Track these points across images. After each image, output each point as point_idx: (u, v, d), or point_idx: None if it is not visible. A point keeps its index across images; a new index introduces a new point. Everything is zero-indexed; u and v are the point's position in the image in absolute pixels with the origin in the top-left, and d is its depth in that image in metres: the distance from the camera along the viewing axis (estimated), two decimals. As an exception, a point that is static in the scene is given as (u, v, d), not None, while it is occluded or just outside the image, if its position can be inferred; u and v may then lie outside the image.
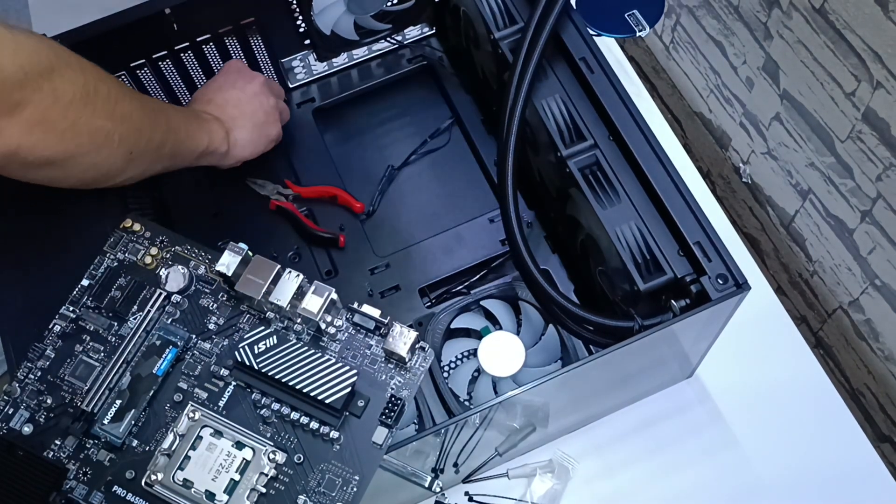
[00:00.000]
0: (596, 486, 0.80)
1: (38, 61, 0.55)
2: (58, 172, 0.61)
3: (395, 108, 0.94)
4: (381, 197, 0.89)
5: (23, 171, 0.59)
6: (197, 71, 0.86)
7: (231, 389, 0.59)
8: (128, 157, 0.64)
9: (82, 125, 0.59)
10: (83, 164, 0.61)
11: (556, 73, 0.73)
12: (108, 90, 0.61)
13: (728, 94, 1.00)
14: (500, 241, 0.84)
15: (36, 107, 0.55)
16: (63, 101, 0.57)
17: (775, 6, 0.84)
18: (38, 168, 0.59)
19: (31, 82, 0.54)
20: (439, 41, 0.96)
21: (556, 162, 0.72)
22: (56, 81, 0.56)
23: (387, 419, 0.57)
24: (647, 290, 0.64)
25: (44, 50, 0.56)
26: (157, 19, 0.78)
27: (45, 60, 0.56)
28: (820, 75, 0.81)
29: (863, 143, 0.79)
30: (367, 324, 0.60)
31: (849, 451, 0.81)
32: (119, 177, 0.65)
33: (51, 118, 0.56)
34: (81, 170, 0.62)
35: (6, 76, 0.53)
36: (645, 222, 0.67)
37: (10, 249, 0.67)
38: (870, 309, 0.89)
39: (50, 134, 0.57)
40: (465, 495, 0.79)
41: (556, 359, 0.79)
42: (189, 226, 0.83)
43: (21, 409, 0.59)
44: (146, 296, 0.62)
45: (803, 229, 0.95)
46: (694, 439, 0.81)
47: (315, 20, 0.87)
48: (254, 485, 0.56)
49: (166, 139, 0.68)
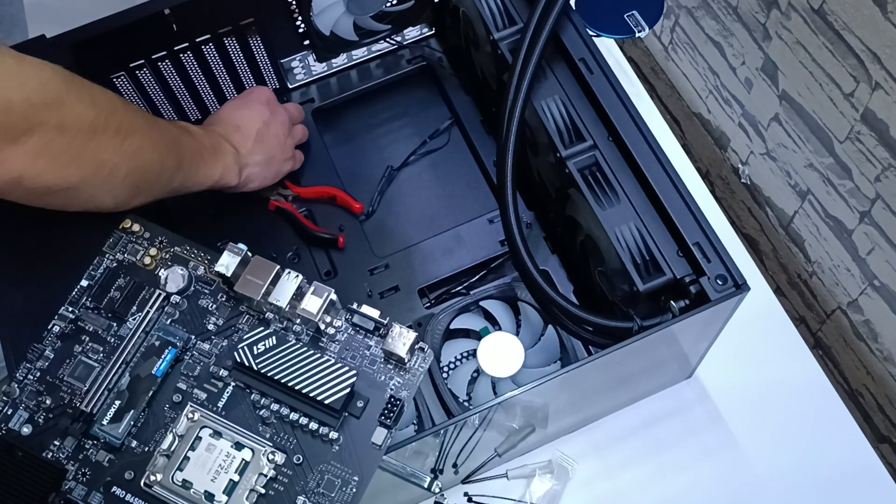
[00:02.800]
0: (595, 487, 0.80)
1: (44, 92, 0.55)
2: (61, 200, 0.61)
3: (394, 108, 0.94)
4: (380, 197, 0.89)
5: (26, 197, 0.59)
6: (196, 71, 0.86)
7: (230, 390, 0.59)
8: (134, 190, 0.64)
9: (87, 157, 0.59)
10: (86, 194, 0.61)
11: (556, 74, 0.73)
12: (118, 124, 0.60)
13: (727, 95, 1.00)
14: (500, 242, 0.84)
15: (41, 137, 0.55)
16: (69, 132, 0.57)
17: (774, 7, 0.84)
18: (41, 196, 0.59)
19: (36, 113, 0.55)
20: (439, 42, 0.97)
21: (555, 162, 0.72)
22: (63, 113, 0.56)
23: (386, 420, 0.57)
24: (647, 290, 0.64)
25: (53, 81, 0.56)
26: (156, 20, 0.78)
27: (52, 91, 0.56)
28: (819, 76, 0.81)
29: (861, 144, 0.79)
30: (366, 324, 0.60)
31: (848, 452, 0.81)
32: (123, 207, 0.65)
33: (55, 149, 0.57)
34: (85, 199, 0.62)
35: (12, 105, 0.53)
36: (644, 223, 0.67)
37: (9, 250, 0.67)
38: (869, 309, 0.89)
39: (53, 164, 0.57)
40: (465, 496, 0.79)
41: (556, 359, 0.79)
42: (188, 226, 0.83)
43: (20, 410, 0.59)
44: (145, 296, 0.62)
45: (802, 230, 0.95)
46: (693, 440, 0.81)
47: (314, 21, 0.87)
48: (253, 485, 0.56)
49: (175, 176, 0.68)
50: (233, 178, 0.75)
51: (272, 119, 0.81)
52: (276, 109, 0.82)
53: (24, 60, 0.55)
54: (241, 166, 0.76)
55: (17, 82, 0.54)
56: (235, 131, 0.77)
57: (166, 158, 0.66)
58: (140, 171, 0.63)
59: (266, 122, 0.80)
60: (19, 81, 0.54)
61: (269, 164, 0.80)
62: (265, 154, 0.79)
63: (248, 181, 0.78)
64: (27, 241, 0.67)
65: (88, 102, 0.59)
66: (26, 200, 0.60)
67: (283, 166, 0.83)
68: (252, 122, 0.78)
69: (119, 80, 0.82)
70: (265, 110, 0.80)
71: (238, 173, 0.76)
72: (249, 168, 0.77)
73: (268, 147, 0.79)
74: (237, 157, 0.76)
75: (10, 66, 0.54)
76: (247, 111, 0.80)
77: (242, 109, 0.80)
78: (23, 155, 0.55)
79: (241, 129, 0.77)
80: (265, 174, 0.80)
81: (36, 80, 0.55)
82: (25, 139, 0.55)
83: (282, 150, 0.82)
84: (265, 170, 0.80)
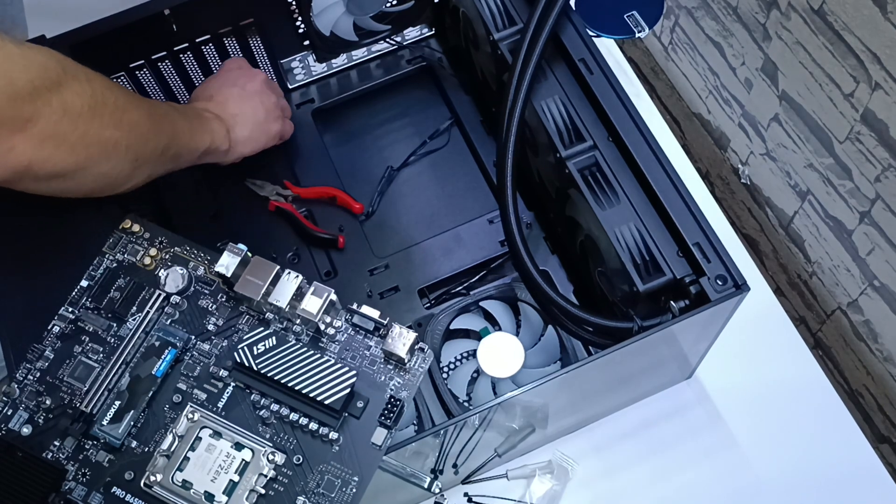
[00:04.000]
0: (595, 487, 0.80)
1: (46, 75, 0.55)
2: (68, 184, 0.61)
3: (394, 108, 0.94)
4: (380, 198, 0.89)
5: (34, 184, 0.59)
6: (196, 72, 0.86)
7: (230, 390, 0.59)
8: (134, 163, 0.64)
9: (92, 136, 0.59)
10: (93, 174, 0.61)
11: (556, 74, 0.73)
12: (115, 100, 0.61)
13: (727, 95, 1.00)
14: (500, 242, 0.84)
15: (47, 121, 0.55)
16: (73, 113, 0.57)
17: (774, 7, 0.84)
18: (48, 181, 0.59)
19: (41, 96, 0.55)
20: (438, 42, 0.97)
21: (555, 163, 0.72)
22: (65, 94, 0.56)
23: (386, 420, 0.57)
24: (647, 290, 0.64)
25: (52, 63, 0.56)
26: (156, 20, 0.78)
27: (53, 74, 0.56)
28: (818, 76, 0.81)
29: (861, 144, 0.79)
30: (366, 325, 0.60)
31: (848, 452, 0.81)
32: (126, 184, 0.65)
33: (61, 131, 0.57)
34: (91, 180, 0.62)
35: (17, 90, 0.53)
36: (644, 223, 0.67)
37: (9, 250, 0.67)
38: (868, 310, 0.89)
39: (61, 147, 0.57)
40: (465, 496, 0.79)
41: (556, 360, 0.79)
42: (188, 227, 0.83)
43: (20, 410, 0.59)
44: (145, 297, 0.62)
45: (802, 230, 0.95)
46: (693, 440, 0.81)
47: (314, 21, 0.87)
48: (253, 486, 0.56)
49: (171, 143, 0.68)
50: (221, 139, 0.75)
51: (247, 81, 0.81)
52: (249, 72, 0.82)
53: (23, 45, 0.55)
54: (227, 128, 0.76)
55: (21, 66, 0.54)
56: (209, 100, 0.77)
57: (160, 127, 0.67)
58: (140, 143, 0.64)
59: (241, 86, 0.80)
60: (23, 65, 0.54)
61: (256, 125, 0.80)
62: (247, 115, 0.79)
63: (238, 143, 0.78)
64: (27, 241, 0.67)
65: (85, 81, 0.59)
66: (34, 188, 0.59)
67: (271, 126, 0.82)
68: (225, 88, 0.79)
69: (119, 80, 0.82)
70: (238, 75, 0.81)
71: (226, 135, 0.76)
72: (236, 130, 0.77)
73: (249, 107, 0.79)
74: (221, 121, 0.76)
75: (10, 50, 0.53)
76: (219, 81, 0.80)
77: (215, 80, 0.81)
78: (30, 141, 0.55)
79: (215, 97, 0.78)
80: (254, 135, 0.80)
81: (37, 63, 0.55)
82: (32, 125, 0.54)
83: (266, 110, 0.81)
84: (252, 130, 0.79)
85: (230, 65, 0.83)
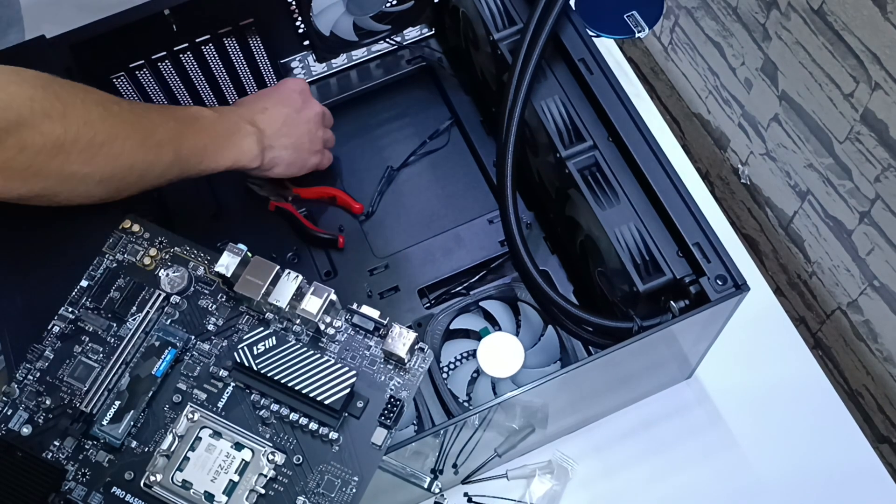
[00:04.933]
0: (595, 487, 0.80)
1: (3, 116, 0.55)
2: (40, 202, 0.62)
3: (394, 109, 0.94)
4: (380, 198, 0.89)
5: None
6: (196, 72, 0.86)
7: (230, 390, 0.59)
8: (114, 191, 0.64)
9: (52, 171, 0.59)
10: (58, 200, 0.62)
11: (556, 74, 0.73)
12: (91, 137, 0.60)
13: (727, 96, 1.00)
14: (500, 242, 0.84)
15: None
16: (30, 151, 0.57)
17: (774, 7, 0.84)
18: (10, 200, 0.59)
19: None
20: (438, 42, 0.97)
21: (555, 163, 0.72)
22: (24, 135, 0.56)
23: (386, 420, 0.57)
24: (647, 290, 0.64)
25: (17, 102, 0.56)
26: (156, 20, 0.78)
27: (13, 115, 0.55)
28: (818, 76, 0.81)
29: (861, 145, 0.79)
30: (366, 325, 0.60)
31: (848, 452, 0.81)
32: (111, 200, 0.65)
33: (13, 167, 0.57)
34: (64, 201, 0.63)
35: None
36: (644, 223, 0.67)
37: (9, 250, 0.67)
38: (868, 310, 0.89)
39: (12, 179, 0.58)
40: (465, 496, 0.79)
41: (556, 360, 0.79)
42: (188, 226, 0.83)
43: (20, 410, 0.59)
44: (145, 297, 0.62)
45: (802, 230, 0.95)
46: (693, 440, 0.81)
47: (314, 21, 0.87)
48: (253, 486, 0.56)
49: (171, 169, 0.67)
50: (251, 159, 0.74)
51: (303, 107, 0.80)
52: (309, 100, 0.82)
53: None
54: (264, 147, 0.75)
55: None
56: (262, 112, 0.77)
57: (157, 156, 0.66)
58: (120, 174, 0.63)
59: (297, 110, 0.80)
60: None
61: (297, 152, 0.80)
62: (292, 139, 0.79)
63: (272, 164, 0.78)
64: (27, 241, 0.67)
65: (58, 118, 0.58)
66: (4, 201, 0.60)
67: (310, 158, 0.82)
68: (281, 106, 0.78)
69: (119, 80, 0.82)
70: (297, 98, 0.81)
71: (260, 155, 0.75)
72: (275, 151, 0.77)
73: (296, 133, 0.79)
74: (260, 138, 0.75)
75: None
76: (277, 96, 0.80)
77: (273, 94, 0.80)
78: None
79: (269, 111, 0.77)
80: (291, 160, 0.80)
81: None
82: None
83: (310, 141, 0.81)
84: (291, 155, 0.79)
85: (292, 85, 0.82)
